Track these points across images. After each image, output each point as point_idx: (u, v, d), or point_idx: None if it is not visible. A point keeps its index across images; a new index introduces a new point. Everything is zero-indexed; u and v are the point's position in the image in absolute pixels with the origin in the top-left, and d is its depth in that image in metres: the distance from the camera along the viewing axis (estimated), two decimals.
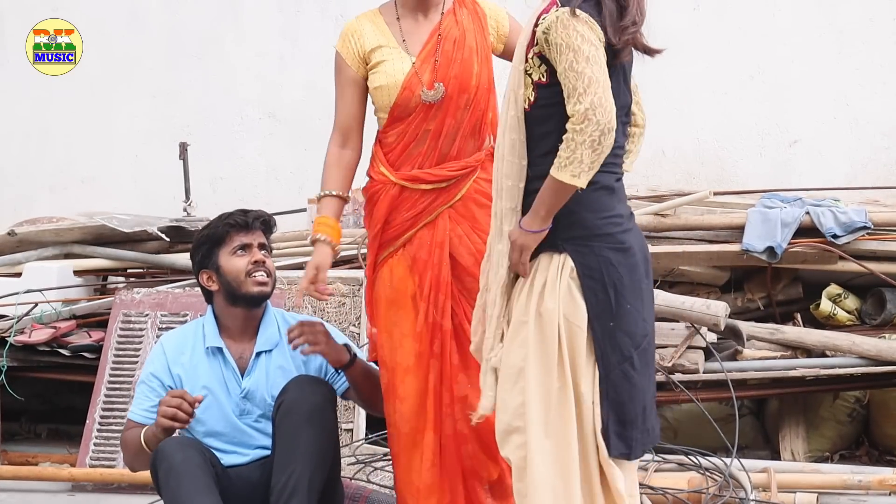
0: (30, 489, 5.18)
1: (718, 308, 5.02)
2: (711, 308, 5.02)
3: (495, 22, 3.73)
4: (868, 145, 6.58)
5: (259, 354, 3.78)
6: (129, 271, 6.12)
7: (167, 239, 5.97)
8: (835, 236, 5.48)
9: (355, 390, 3.85)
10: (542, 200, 3.05)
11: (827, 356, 5.32)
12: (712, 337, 5.32)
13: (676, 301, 5.09)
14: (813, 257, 5.54)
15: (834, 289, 5.68)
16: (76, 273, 5.96)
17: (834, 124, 6.61)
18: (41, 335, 5.54)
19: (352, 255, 5.70)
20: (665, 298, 5.08)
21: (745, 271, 5.79)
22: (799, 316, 5.67)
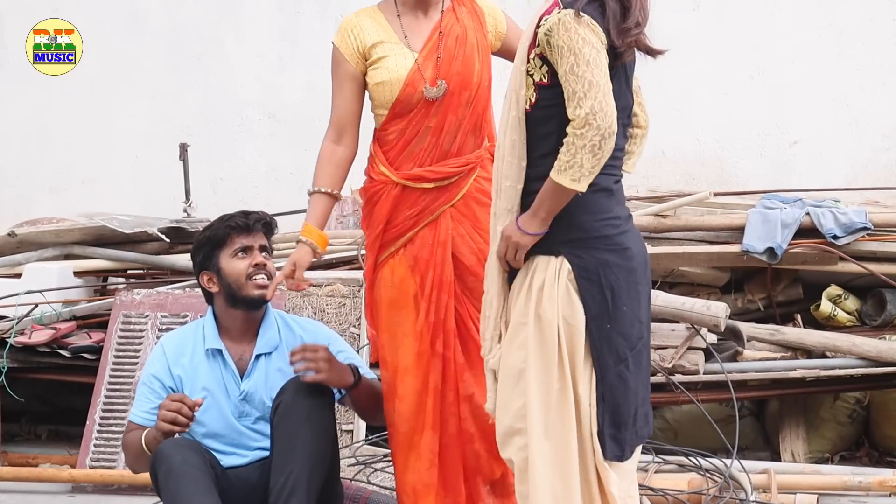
0: (30, 490, 5.17)
1: (719, 309, 5.02)
2: (711, 309, 5.03)
3: (493, 20, 3.73)
4: (868, 146, 6.58)
5: (259, 357, 3.77)
6: (130, 272, 6.11)
7: (167, 240, 5.96)
8: (835, 237, 5.47)
9: (356, 406, 3.85)
10: (542, 202, 3.04)
11: (827, 357, 5.32)
12: (712, 338, 5.32)
13: (676, 302, 5.09)
14: (813, 258, 5.53)
15: (834, 290, 5.67)
16: (76, 274, 5.95)
17: (834, 125, 6.60)
18: (41, 336, 5.54)
19: (352, 257, 5.69)
20: (665, 299, 5.08)
21: (746, 272, 5.79)
22: (799, 317, 5.67)
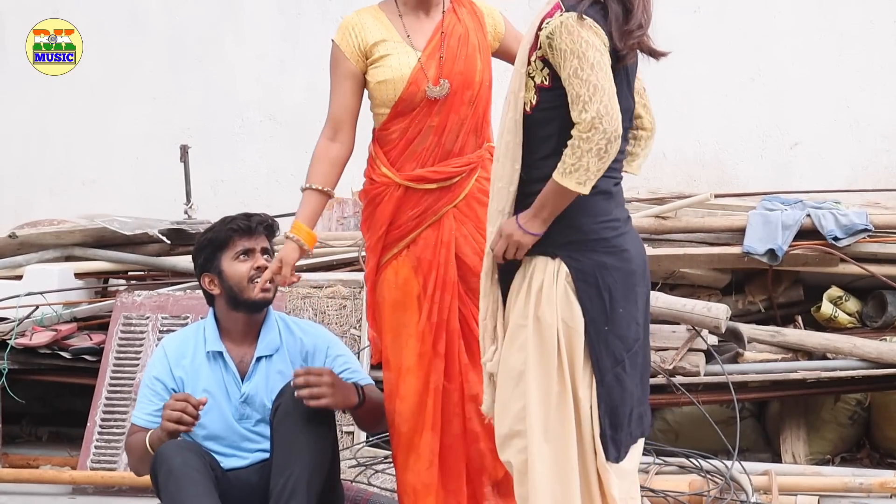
0: (30, 492, 5.16)
1: (719, 310, 5.02)
2: (712, 310, 5.03)
3: (492, 21, 3.75)
4: (868, 148, 6.57)
5: (259, 359, 3.77)
6: (130, 274, 6.11)
7: (168, 241, 5.96)
8: (836, 239, 5.47)
9: (357, 420, 3.86)
10: (545, 204, 3.04)
11: (828, 359, 5.31)
12: (713, 339, 5.32)
13: (677, 304, 5.09)
14: (814, 260, 5.53)
15: (835, 291, 5.67)
16: (77, 276, 5.94)
17: (834, 127, 6.60)
18: (42, 338, 5.53)
19: (353, 258, 5.69)
20: (666, 301, 5.08)
21: (746, 274, 5.79)
22: (800, 318, 5.66)
